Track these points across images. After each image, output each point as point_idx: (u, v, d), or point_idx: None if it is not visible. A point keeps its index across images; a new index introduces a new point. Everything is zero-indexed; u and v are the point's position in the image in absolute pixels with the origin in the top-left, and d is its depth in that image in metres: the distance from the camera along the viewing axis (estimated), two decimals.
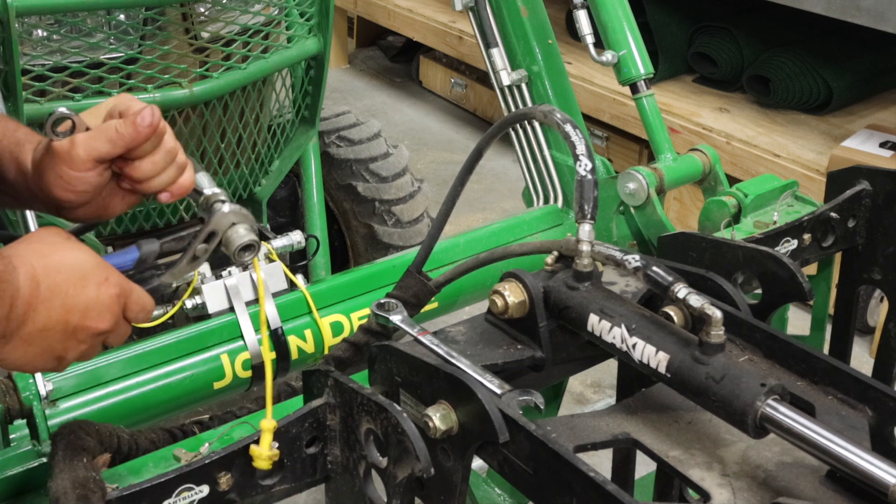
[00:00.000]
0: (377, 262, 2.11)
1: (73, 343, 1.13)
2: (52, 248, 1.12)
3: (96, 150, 1.17)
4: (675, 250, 1.59)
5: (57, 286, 1.09)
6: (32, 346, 1.10)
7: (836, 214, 1.68)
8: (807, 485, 1.11)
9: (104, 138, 1.17)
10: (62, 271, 1.10)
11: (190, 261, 1.23)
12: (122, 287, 1.15)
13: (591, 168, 1.28)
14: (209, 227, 1.22)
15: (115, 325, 1.15)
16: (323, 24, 2.24)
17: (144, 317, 1.19)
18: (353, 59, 5.89)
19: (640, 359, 1.17)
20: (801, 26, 3.92)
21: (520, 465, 1.07)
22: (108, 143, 1.17)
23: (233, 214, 1.23)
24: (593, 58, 2.17)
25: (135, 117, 1.16)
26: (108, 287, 1.13)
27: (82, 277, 1.11)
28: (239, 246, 1.22)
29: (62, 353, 1.14)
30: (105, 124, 1.18)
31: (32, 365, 1.13)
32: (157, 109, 1.18)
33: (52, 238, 1.13)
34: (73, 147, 1.16)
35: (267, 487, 1.21)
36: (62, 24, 1.96)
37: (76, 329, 1.12)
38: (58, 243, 1.12)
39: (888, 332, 1.73)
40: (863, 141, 3.42)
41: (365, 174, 2.81)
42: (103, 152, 1.17)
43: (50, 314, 1.09)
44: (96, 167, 1.18)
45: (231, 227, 1.22)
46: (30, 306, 1.08)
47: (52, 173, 1.18)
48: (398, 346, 1.21)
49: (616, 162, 4.07)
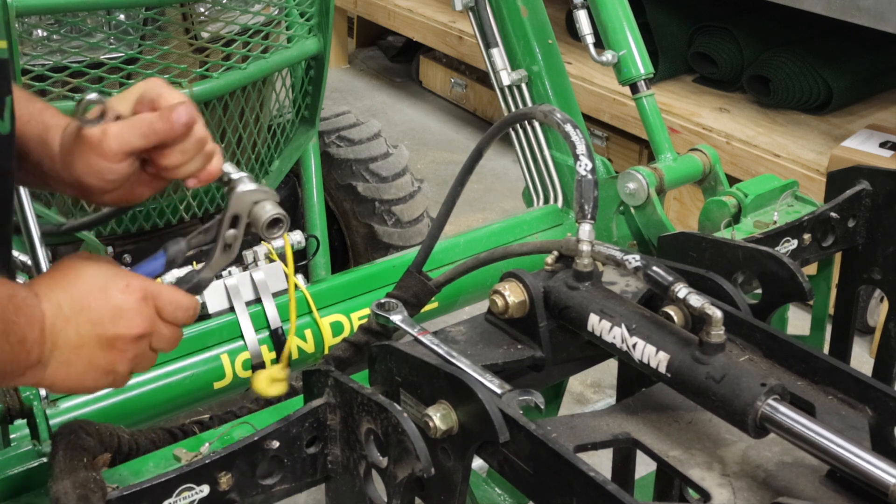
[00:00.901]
0: (377, 262, 2.11)
1: (115, 354, 1.12)
2: (70, 270, 1.11)
3: (129, 144, 1.15)
4: (675, 250, 1.59)
5: (79, 303, 1.09)
6: (74, 366, 1.10)
7: (836, 214, 1.68)
8: (807, 485, 1.11)
9: (138, 133, 1.15)
10: (82, 288, 1.10)
11: (223, 250, 1.21)
12: (146, 289, 1.13)
13: (591, 168, 1.28)
14: (231, 211, 1.20)
15: (151, 327, 1.13)
16: (323, 24, 2.23)
17: (184, 314, 1.17)
18: (353, 59, 5.89)
19: (641, 359, 1.17)
20: (801, 26, 3.92)
21: (520, 464, 1.07)
22: (141, 139, 1.15)
23: (253, 193, 1.20)
24: (593, 58, 2.17)
25: (170, 113, 1.14)
26: (131, 292, 1.12)
27: (102, 289, 1.10)
28: (266, 222, 1.19)
29: (110, 367, 1.12)
30: (139, 118, 1.16)
31: (83, 384, 1.12)
32: (192, 105, 1.17)
33: (70, 262, 1.13)
34: (106, 138, 1.15)
35: (267, 487, 1.21)
36: (62, 24, 1.96)
37: (111, 340, 1.11)
38: (75, 265, 1.12)
39: (888, 332, 1.73)
40: (863, 141, 3.42)
41: (365, 174, 2.81)
42: (136, 146, 1.15)
43: (79, 330, 1.09)
44: (126, 159, 1.16)
45: (255, 206, 1.20)
46: (57, 328, 1.07)
47: (82, 161, 1.17)
48: (398, 345, 1.21)
49: (616, 162, 4.07)
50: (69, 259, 1.13)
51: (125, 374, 1.15)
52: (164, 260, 1.21)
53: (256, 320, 1.84)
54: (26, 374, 1.07)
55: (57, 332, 1.08)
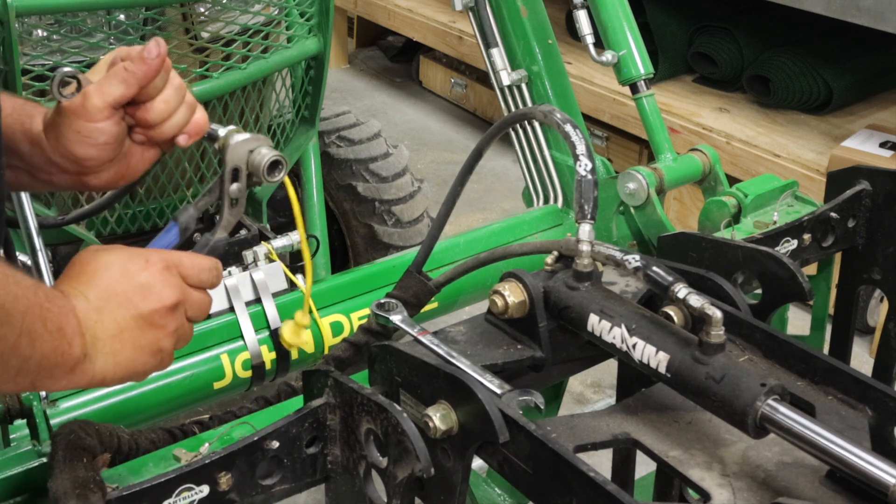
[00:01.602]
0: (377, 262, 2.11)
1: (156, 331, 1.12)
2: (87, 265, 1.11)
3: (110, 95, 1.16)
4: (675, 250, 1.59)
5: (106, 291, 1.09)
6: (121, 354, 1.10)
7: (836, 214, 1.68)
8: (807, 485, 1.11)
9: (116, 81, 1.16)
10: (104, 276, 1.10)
11: (231, 207, 1.21)
12: (166, 260, 1.13)
13: (591, 168, 1.28)
14: (230, 165, 1.20)
15: (182, 294, 1.13)
16: (323, 24, 2.23)
17: (209, 276, 1.17)
18: (353, 59, 5.89)
19: (640, 359, 1.17)
20: (801, 26, 3.92)
21: (520, 465, 1.07)
22: (121, 85, 1.16)
23: (247, 142, 1.20)
24: (593, 58, 2.17)
25: (141, 53, 1.16)
26: (151, 266, 1.12)
27: (123, 272, 1.10)
28: (265, 166, 1.19)
29: (155, 346, 1.12)
30: (114, 69, 1.17)
31: (135, 370, 1.12)
32: (162, 41, 1.17)
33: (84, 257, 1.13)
34: (87, 99, 1.15)
35: (267, 487, 1.21)
36: (62, 24, 1.96)
37: (148, 317, 1.11)
38: (90, 258, 1.12)
39: (888, 332, 1.73)
40: (863, 141, 3.42)
41: (365, 174, 2.81)
42: (117, 95, 1.16)
43: (114, 317, 1.09)
44: (113, 114, 1.17)
45: (251, 154, 1.20)
46: (91, 319, 1.07)
47: (70, 131, 1.17)
48: (398, 346, 1.21)
49: (616, 162, 4.07)
50: (81, 255, 1.13)
51: (170, 350, 1.15)
52: (176, 230, 1.22)
53: (256, 320, 1.84)
54: (76, 370, 1.06)
55: (92, 323, 1.07)
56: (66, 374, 1.06)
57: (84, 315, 1.07)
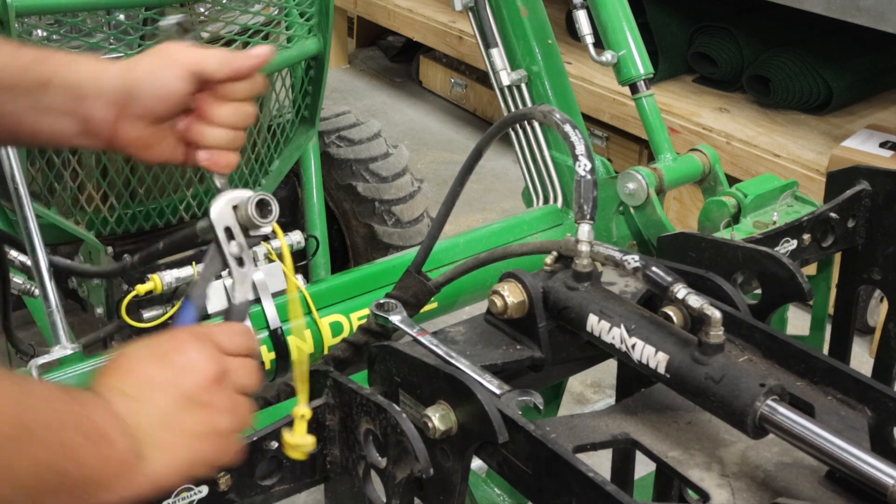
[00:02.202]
0: (377, 262, 2.10)
1: (205, 411, 1.03)
2: (116, 361, 1.05)
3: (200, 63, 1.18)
4: (674, 250, 1.59)
5: (142, 379, 1.02)
6: (175, 445, 1.01)
7: (836, 214, 1.68)
8: (806, 485, 1.11)
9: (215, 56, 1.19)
10: (136, 367, 1.04)
11: (239, 267, 1.19)
12: (195, 334, 1.08)
13: (591, 168, 1.28)
14: (219, 227, 1.18)
15: (221, 364, 1.06)
16: (323, 24, 2.23)
17: (244, 339, 1.11)
18: (353, 59, 5.89)
19: (640, 359, 1.17)
20: (801, 26, 3.92)
21: (519, 465, 1.07)
22: (217, 63, 1.19)
23: (226, 198, 1.19)
24: (593, 58, 2.17)
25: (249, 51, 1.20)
26: (182, 343, 1.06)
27: (155, 357, 1.04)
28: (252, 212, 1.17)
29: (209, 427, 1.04)
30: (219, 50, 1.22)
31: (194, 460, 1.03)
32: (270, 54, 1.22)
33: (112, 357, 1.06)
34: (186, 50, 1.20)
35: (266, 488, 1.21)
36: (62, 24, 1.96)
37: (191, 394, 1.03)
38: (117, 356, 1.06)
39: (888, 332, 1.73)
40: (863, 141, 3.42)
41: (365, 174, 2.81)
42: (209, 69, 1.18)
43: (157, 404, 1.01)
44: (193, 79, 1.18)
45: (237, 209, 1.18)
46: (133, 410, 0.99)
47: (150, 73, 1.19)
48: (398, 346, 1.21)
49: (616, 162, 4.07)
50: (109, 358, 1.07)
51: (231, 430, 1.06)
52: (192, 308, 1.19)
53: (256, 320, 1.84)
54: (130, 474, 0.97)
55: (135, 415, 0.98)
56: (119, 481, 0.96)
57: (125, 410, 0.98)
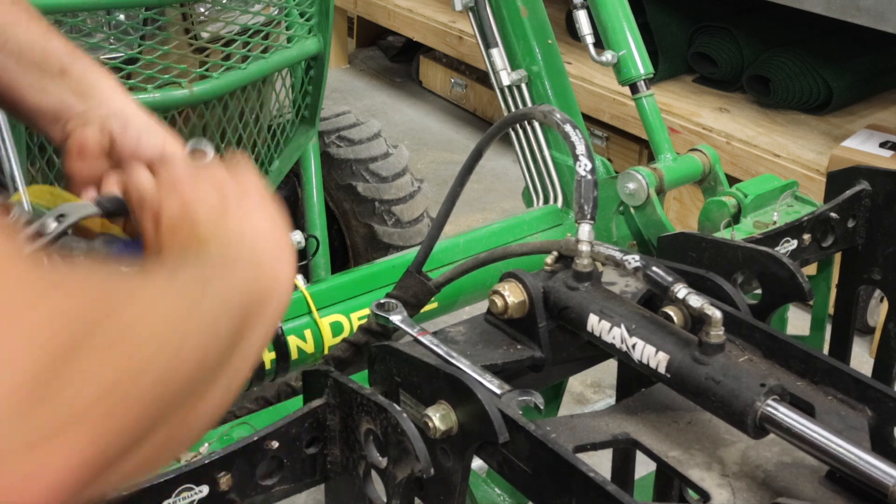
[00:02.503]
0: (377, 262, 2.11)
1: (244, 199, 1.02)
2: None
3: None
4: (674, 250, 1.59)
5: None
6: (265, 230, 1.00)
7: (836, 214, 1.68)
8: (806, 485, 1.11)
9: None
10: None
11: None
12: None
13: (591, 168, 1.28)
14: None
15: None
16: (323, 24, 2.23)
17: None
18: (353, 59, 5.89)
19: (640, 359, 1.17)
20: (801, 26, 3.92)
21: (519, 465, 1.06)
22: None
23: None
24: (593, 58, 2.17)
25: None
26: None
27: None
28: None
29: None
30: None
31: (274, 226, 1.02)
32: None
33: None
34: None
35: (266, 487, 1.21)
36: (62, 24, 1.96)
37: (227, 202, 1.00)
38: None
39: (888, 332, 1.73)
40: (863, 141, 3.42)
41: (365, 174, 2.81)
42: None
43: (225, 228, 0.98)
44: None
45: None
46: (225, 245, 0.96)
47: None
48: (398, 346, 1.21)
49: (616, 162, 4.07)
50: None
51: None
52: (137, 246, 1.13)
53: None
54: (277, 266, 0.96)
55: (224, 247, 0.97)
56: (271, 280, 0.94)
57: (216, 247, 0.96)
